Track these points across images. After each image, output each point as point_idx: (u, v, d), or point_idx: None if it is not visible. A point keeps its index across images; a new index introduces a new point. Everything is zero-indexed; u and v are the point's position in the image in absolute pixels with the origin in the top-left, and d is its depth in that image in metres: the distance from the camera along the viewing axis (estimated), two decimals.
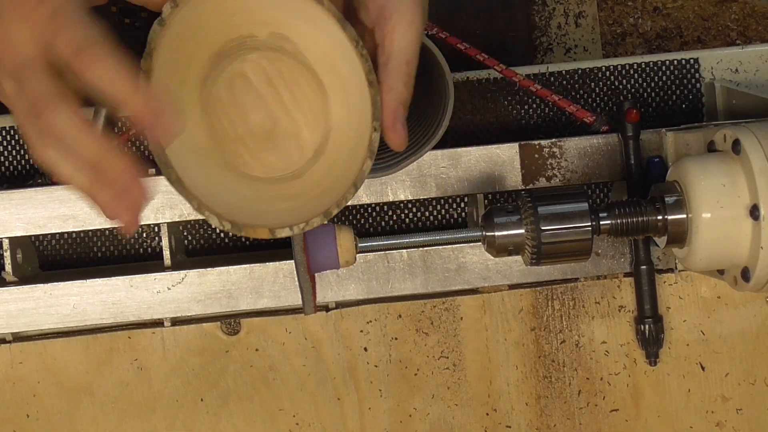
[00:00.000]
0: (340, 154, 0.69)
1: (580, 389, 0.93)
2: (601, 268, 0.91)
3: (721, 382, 0.93)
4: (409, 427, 0.92)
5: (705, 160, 0.81)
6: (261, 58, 0.69)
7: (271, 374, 0.91)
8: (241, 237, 0.99)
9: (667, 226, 0.81)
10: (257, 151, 0.70)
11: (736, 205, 0.78)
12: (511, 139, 0.93)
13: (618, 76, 1.00)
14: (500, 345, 0.92)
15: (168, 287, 0.89)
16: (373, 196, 0.91)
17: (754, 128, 0.79)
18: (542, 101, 1.00)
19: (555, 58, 1.54)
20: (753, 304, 0.92)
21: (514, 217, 0.80)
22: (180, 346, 0.91)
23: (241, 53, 0.69)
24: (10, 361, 0.90)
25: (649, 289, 0.90)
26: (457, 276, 0.91)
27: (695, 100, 1.01)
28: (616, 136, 0.91)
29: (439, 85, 0.85)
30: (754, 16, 1.62)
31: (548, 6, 1.55)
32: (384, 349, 0.92)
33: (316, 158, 0.71)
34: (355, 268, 0.90)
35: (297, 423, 0.92)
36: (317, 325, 0.91)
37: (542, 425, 0.93)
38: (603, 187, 0.99)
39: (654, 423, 0.93)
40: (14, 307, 0.89)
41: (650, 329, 0.90)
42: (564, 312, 0.92)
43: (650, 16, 1.61)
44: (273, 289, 0.90)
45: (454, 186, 0.91)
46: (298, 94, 0.70)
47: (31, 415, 0.90)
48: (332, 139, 0.70)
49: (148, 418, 0.91)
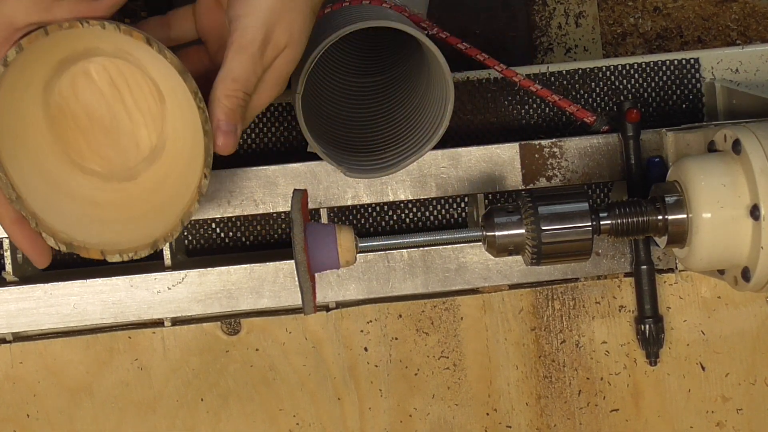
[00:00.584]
0: (174, 168, 0.74)
1: (580, 389, 0.93)
2: (602, 268, 0.91)
3: (721, 382, 0.93)
4: (409, 427, 0.92)
5: (705, 160, 0.81)
6: (105, 61, 0.74)
7: (271, 374, 0.91)
8: (241, 237, 0.99)
9: (667, 226, 0.81)
10: (96, 144, 0.75)
11: (737, 205, 0.78)
12: (512, 139, 0.93)
13: (618, 76, 1.00)
14: (500, 345, 0.92)
15: (168, 287, 0.89)
16: (373, 196, 0.91)
17: (755, 128, 0.79)
18: (542, 101, 1.00)
19: (555, 58, 1.54)
20: (753, 304, 0.92)
21: (515, 217, 0.80)
22: (180, 346, 0.91)
23: (86, 57, 0.73)
24: (10, 361, 0.90)
25: (650, 289, 0.90)
26: (457, 276, 0.91)
27: (695, 100, 1.01)
28: (617, 136, 0.91)
29: (439, 85, 0.85)
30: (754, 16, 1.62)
31: (548, 6, 1.55)
32: (384, 349, 0.92)
33: (152, 161, 0.75)
34: (355, 268, 0.90)
35: (297, 423, 0.92)
36: (317, 325, 0.91)
37: (542, 425, 0.93)
38: (603, 187, 0.99)
39: (654, 423, 0.93)
40: (14, 307, 0.89)
41: (650, 329, 0.90)
42: (564, 312, 0.92)
43: (650, 16, 1.61)
44: (273, 289, 0.90)
45: (454, 186, 0.91)
46: (139, 97, 0.75)
47: (31, 415, 0.90)
48: (168, 148, 0.75)
49: (148, 418, 0.91)
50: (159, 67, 0.72)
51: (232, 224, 0.99)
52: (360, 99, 0.96)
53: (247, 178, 0.90)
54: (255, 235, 0.99)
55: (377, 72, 0.99)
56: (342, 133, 0.92)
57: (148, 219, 0.74)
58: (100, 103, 0.75)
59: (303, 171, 0.90)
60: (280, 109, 0.99)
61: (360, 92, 0.97)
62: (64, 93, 0.75)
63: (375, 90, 0.98)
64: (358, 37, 0.97)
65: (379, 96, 0.97)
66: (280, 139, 1.00)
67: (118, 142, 0.76)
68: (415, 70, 0.94)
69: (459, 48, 0.94)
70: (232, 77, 0.72)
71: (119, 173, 0.76)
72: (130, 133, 0.76)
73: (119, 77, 0.75)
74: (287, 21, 0.72)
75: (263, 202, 0.90)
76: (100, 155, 0.76)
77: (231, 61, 0.72)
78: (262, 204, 0.90)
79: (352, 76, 0.98)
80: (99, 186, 0.76)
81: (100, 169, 0.76)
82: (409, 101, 0.93)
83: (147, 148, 0.77)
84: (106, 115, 0.75)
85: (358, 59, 1.00)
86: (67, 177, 0.75)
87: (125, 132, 0.76)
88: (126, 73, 0.75)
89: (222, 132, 0.73)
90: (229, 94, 0.72)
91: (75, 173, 0.76)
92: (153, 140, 0.76)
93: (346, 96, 0.96)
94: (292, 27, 0.73)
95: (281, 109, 0.99)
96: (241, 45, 0.72)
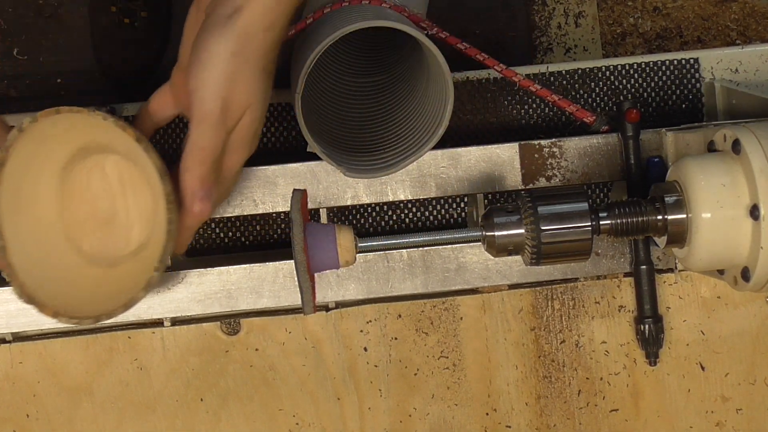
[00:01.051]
0: (148, 263, 0.80)
1: (579, 389, 0.93)
2: (601, 268, 0.91)
3: (721, 382, 0.93)
4: (409, 427, 0.92)
5: (705, 160, 0.81)
6: (119, 161, 0.83)
7: (271, 374, 0.91)
8: (240, 237, 0.99)
9: (667, 226, 0.81)
10: (94, 231, 0.83)
11: (736, 205, 0.78)
12: (511, 139, 0.93)
13: (618, 76, 1.00)
14: (500, 345, 0.92)
15: (168, 287, 0.89)
16: (373, 196, 0.91)
17: (754, 128, 0.79)
18: (542, 101, 1.00)
19: (555, 58, 1.54)
20: (753, 304, 0.92)
21: (514, 217, 0.80)
22: (180, 346, 0.91)
23: (104, 152, 0.82)
24: (10, 361, 0.90)
25: (649, 289, 0.90)
26: (457, 276, 0.91)
27: (695, 100, 1.01)
28: (616, 136, 0.91)
29: (439, 85, 0.85)
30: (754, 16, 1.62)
31: (548, 6, 1.55)
32: (384, 349, 0.92)
33: (134, 255, 0.83)
34: (355, 268, 0.90)
35: (297, 423, 0.92)
36: (317, 325, 0.91)
37: (542, 425, 0.93)
38: (603, 187, 0.99)
39: (654, 423, 0.93)
40: (14, 307, 0.89)
41: (650, 329, 0.90)
42: (564, 312, 0.92)
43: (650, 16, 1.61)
44: (273, 289, 0.90)
45: (454, 186, 0.91)
46: (140, 198, 0.83)
47: (31, 415, 0.90)
48: (150, 246, 0.82)
49: (148, 418, 0.91)
50: (149, 167, 0.78)
51: (231, 224, 0.99)
52: (360, 99, 0.96)
53: (247, 178, 0.90)
54: (254, 235, 0.99)
55: (377, 72, 0.99)
56: (342, 133, 0.92)
57: (109, 298, 0.80)
58: (106, 196, 0.83)
59: (302, 171, 0.90)
60: (279, 109, 0.99)
61: (360, 92, 0.97)
62: (79, 179, 0.83)
63: (375, 90, 0.98)
64: (358, 37, 0.97)
65: (378, 96, 0.97)
66: (279, 139, 1.00)
67: (112, 234, 0.83)
68: (414, 70, 0.94)
69: (459, 48, 0.94)
70: (197, 147, 0.76)
71: (104, 260, 0.83)
72: (125, 228, 0.83)
73: (128, 177, 0.83)
74: (242, 84, 0.75)
75: (263, 202, 0.90)
76: (93, 241, 0.83)
77: (194, 133, 0.75)
78: (261, 204, 0.90)
79: (351, 76, 0.98)
80: (82, 265, 0.83)
81: (89, 252, 0.83)
82: (409, 101, 0.93)
83: (135, 244, 0.83)
84: (108, 208, 0.83)
85: (358, 59, 1.00)
86: (57, 249, 0.82)
87: (121, 227, 0.83)
88: (134, 175, 0.83)
89: (198, 199, 0.77)
90: (197, 162, 0.76)
91: (66, 248, 0.83)
92: (142, 239, 0.83)
93: (346, 96, 0.96)
94: (249, 88, 0.75)
95: (281, 109, 1.00)
96: (201, 117, 0.75)
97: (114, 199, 0.83)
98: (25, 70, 1.57)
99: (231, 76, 0.74)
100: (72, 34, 1.57)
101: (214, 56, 0.74)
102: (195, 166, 0.76)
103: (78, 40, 1.57)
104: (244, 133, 0.77)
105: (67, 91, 1.57)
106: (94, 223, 0.83)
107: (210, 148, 0.76)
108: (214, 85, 0.74)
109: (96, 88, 1.58)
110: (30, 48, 1.56)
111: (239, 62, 0.74)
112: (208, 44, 0.74)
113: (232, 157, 0.78)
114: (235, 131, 0.77)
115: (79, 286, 0.82)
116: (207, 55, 0.74)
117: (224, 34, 0.73)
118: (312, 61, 0.81)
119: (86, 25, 1.55)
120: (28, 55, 1.57)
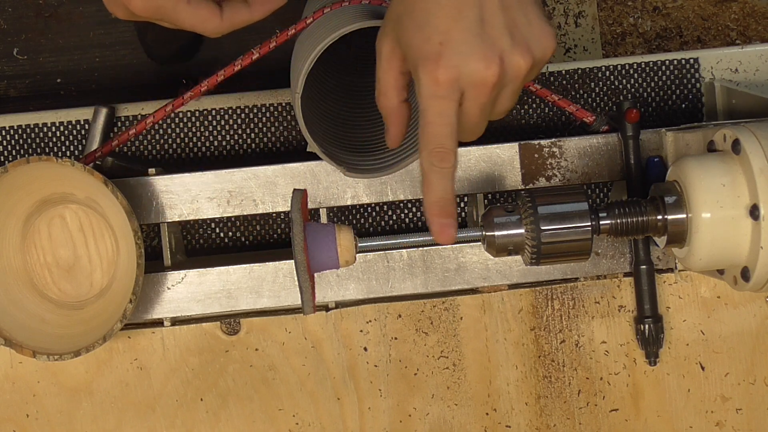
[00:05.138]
0: (114, 301, 0.87)
1: (579, 389, 0.93)
2: (601, 268, 0.91)
3: (720, 382, 0.93)
4: (409, 427, 0.92)
5: (705, 160, 0.81)
6: (78, 209, 0.89)
7: (270, 374, 0.91)
8: (240, 237, 0.99)
9: (666, 225, 0.81)
10: (58, 278, 0.89)
11: (736, 205, 0.78)
12: (511, 139, 0.93)
13: (618, 76, 1.00)
14: (500, 345, 0.92)
15: (168, 287, 0.89)
16: (373, 196, 0.91)
17: (754, 128, 0.79)
18: (542, 101, 1.00)
19: (554, 58, 1.54)
20: (753, 304, 0.92)
21: (514, 217, 0.80)
22: (180, 346, 0.91)
23: (64, 202, 0.88)
24: (10, 361, 0.90)
25: (649, 289, 0.90)
26: (456, 276, 0.91)
27: (695, 100, 1.01)
28: (616, 136, 0.91)
29: None
30: (754, 16, 1.62)
31: (548, 6, 1.55)
32: (384, 349, 0.92)
33: (99, 297, 0.89)
34: (355, 267, 0.90)
35: (297, 423, 0.92)
36: (317, 325, 0.91)
37: (542, 425, 0.93)
38: (603, 187, 0.99)
39: (654, 423, 0.93)
40: None
41: (650, 329, 0.90)
42: (564, 312, 0.92)
43: (650, 16, 1.61)
44: (273, 289, 0.90)
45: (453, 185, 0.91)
46: (100, 243, 0.89)
47: (30, 415, 0.90)
48: (114, 287, 0.89)
49: (148, 418, 0.91)
50: (114, 208, 0.84)
51: (231, 224, 0.99)
52: (360, 99, 0.96)
53: (247, 177, 0.90)
54: (254, 235, 0.99)
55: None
56: (342, 133, 0.92)
57: (84, 335, 0.86)
58: (68, 244, 0.89)
59: (302, 171, 0.90)
60: (279, 109, 0.99)
61: (360, 92, 0.97)
62: (40, 230, 0.89)
63: (374, 90, 0.98)
64: (358, 37, 0.97)
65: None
66: (279, 139, 1.00)
67: (75, 279, 0.89)
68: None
69: None
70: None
71: (71, 304, 0.89)
72: (88, 273, 0.89)
73: (87, 224, 0.89)
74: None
75: (263, 202, 0.90)
76: (58, 288, 0.89)
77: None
78: (261, 204, 0.90)
79: (352, 76, 0.98)
80: (51, 310, 0.89)
81: (56, 297, 0.89)
82: (409, 101, 0.93)
83: (99, 287, 0.89)
84: (70, 256, 0.89)
85: (358, 59, 1.00)
86: (25, 295, 0.88)
87: (84, 272, 0.89)
88: (93, 221, 0.89)
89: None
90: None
91: (33, 295, 0.88)
92: (105, 282, 0.89)
93: (346, 96, 0.96)
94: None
95: (281, 109, 1.00)
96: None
97: (75, 246, 0.89)
98: (25, 70, 1.57)
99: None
100: (72, 34, 1.57)
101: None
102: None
103: (78, 40, 1.57)
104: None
105: (66, 91, 1.57)
106: (57, 271, 0.89)
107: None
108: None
109: (96, 88, 1.58)
110: (30, 48, 1.57)
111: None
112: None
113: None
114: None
115: (53, 325, 0.88)
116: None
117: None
118: (312, 61, 0.81)
119: (86, 24, 1.56)
120: (28, 55, 1.57)
